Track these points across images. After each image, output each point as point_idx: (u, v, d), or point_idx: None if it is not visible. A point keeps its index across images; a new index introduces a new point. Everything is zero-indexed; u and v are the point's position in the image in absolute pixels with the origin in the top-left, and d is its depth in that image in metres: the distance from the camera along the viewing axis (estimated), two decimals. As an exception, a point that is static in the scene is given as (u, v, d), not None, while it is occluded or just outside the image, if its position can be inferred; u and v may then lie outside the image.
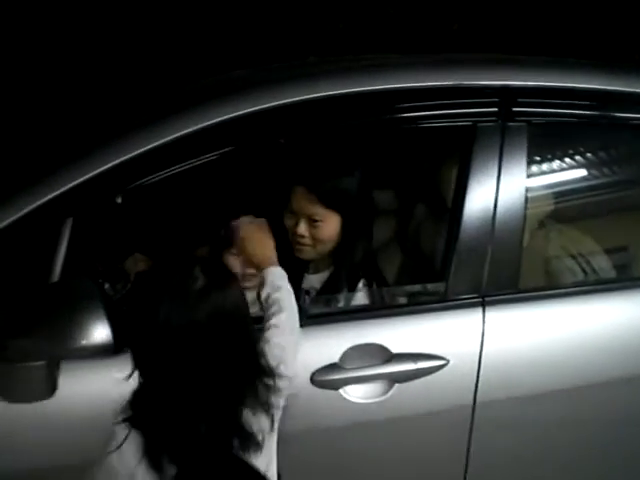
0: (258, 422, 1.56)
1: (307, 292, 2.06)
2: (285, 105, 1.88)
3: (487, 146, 1.92)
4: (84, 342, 1.60)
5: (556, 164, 2.26)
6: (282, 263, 1.84)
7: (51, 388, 1.69)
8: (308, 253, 2.13)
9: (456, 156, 2.01)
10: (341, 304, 2.04)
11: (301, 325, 1.76)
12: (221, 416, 1.48)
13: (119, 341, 1.61)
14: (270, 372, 1.59)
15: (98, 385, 1.70)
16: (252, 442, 1.52)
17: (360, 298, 2.06)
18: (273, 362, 1.62)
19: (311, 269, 2.21)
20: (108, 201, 1.79)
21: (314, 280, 2.18)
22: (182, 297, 1.44)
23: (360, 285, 2.08)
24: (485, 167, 1.92)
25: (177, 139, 1.80)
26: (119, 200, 1.78)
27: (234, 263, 2.03)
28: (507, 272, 1.96)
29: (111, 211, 1.86)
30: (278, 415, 1.65)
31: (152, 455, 1.44)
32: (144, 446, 1.45)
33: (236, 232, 1.95)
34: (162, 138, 1.80)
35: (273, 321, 1.70)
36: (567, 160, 2.26)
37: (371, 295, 2.07)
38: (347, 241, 2.09)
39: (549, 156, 2.22)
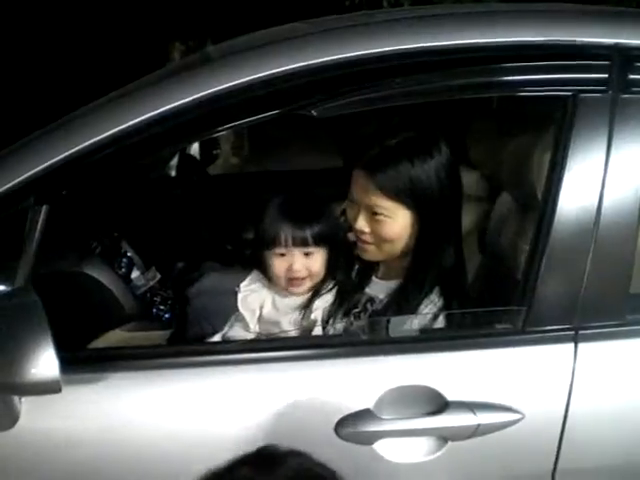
0: None
1: (371, 300, 1.81)
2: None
3: (591, 124, 1.59)
4: (26, 377, 1.34)
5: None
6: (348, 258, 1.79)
7: (11, 419, 1.48)
8: (372, 253, 1.82)
9: (549, 135, 1.69)
10: (383, 330, 1.66)
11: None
12: None
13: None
14: None
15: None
16: None
17: (413, 323, 1.67)
18: None
19: (380, 272, 1.88)
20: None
21: (380, 287, 1.85)
22: None
23: (426, 305, 1.72)
24: (588, 150, 1.59)
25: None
26: None
27: (279, 265, 1.84)
28: (612, 293, 1.60)
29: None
30: None
31: None
32: None
33: None
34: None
35: None
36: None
37: (426, 318, 1.69)
38: (421, 244, 1.77)
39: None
